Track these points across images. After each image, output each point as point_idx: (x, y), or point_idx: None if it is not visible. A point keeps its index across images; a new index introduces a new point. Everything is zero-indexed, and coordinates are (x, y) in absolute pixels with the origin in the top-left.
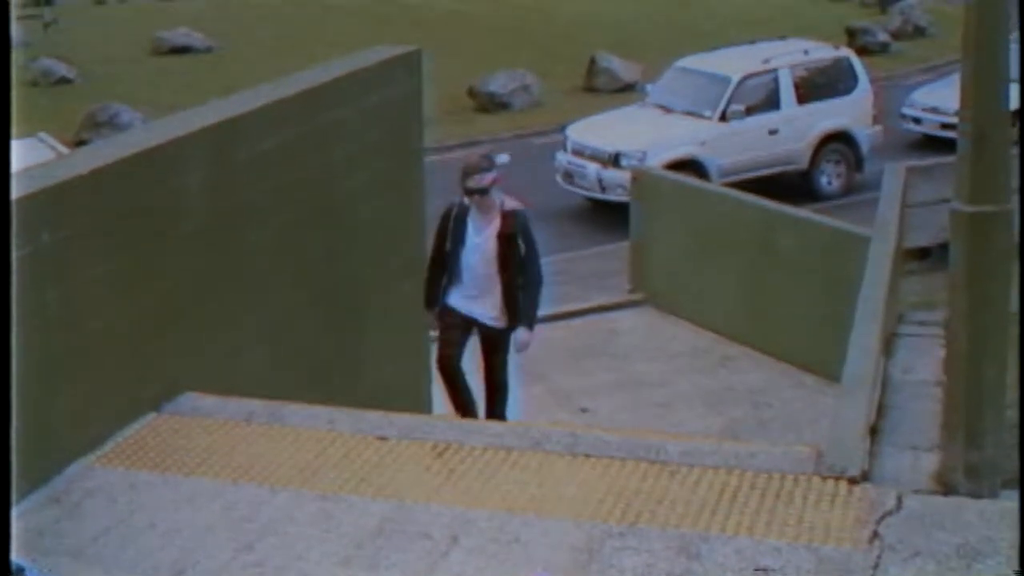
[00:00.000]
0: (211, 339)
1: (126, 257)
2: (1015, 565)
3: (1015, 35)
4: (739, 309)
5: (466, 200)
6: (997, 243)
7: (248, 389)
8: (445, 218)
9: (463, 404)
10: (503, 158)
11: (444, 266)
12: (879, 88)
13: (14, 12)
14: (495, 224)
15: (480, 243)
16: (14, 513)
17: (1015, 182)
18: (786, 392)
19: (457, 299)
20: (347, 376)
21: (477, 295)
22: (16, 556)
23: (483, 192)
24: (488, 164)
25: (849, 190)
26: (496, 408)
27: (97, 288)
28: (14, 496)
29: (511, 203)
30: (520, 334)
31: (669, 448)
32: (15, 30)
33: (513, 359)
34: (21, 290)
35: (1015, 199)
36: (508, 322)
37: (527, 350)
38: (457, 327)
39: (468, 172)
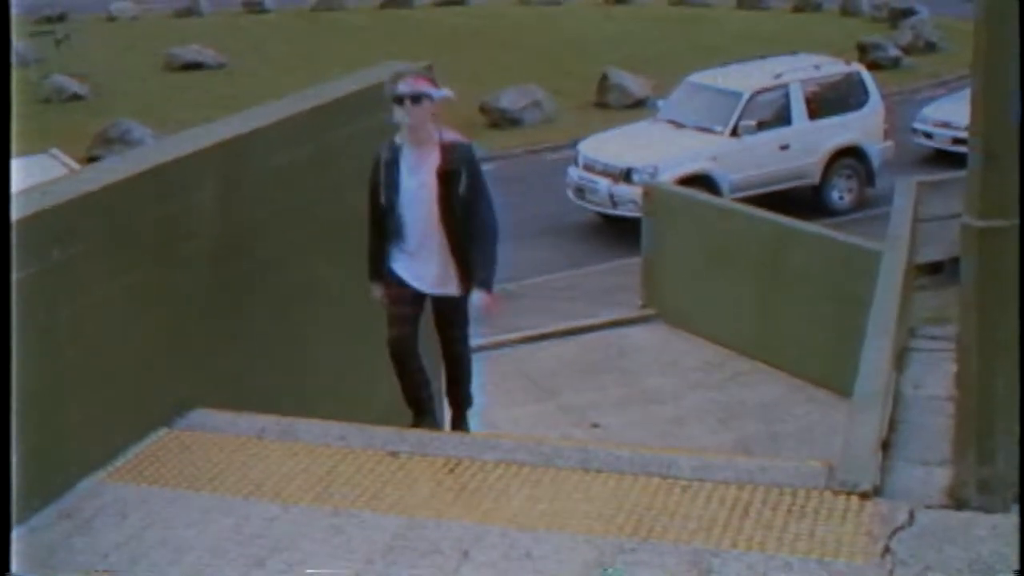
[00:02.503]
0: (222, 355)
1: (137, 273)
2: None
3: None
4: (750, 324)
5: (396, 139)
6: (1008, 257)
7: (259, 405)
8: (375, 169)
9: (415, 395)
10: (446, 92)
11: (383, 227)
12: (890, 103)
13: (26, 29)
14: (433, 160)
15: (416, 187)
16: (24, 529)
17: None
18: (798, 407)
19: (402, 265)
20: (360, 391)
21: (422, 256)
22: (26, 572)
23: (417, 99)
24: (429, 75)
25: (860, 205)
26: (460, 390)
27: (108, 304)
28: (25, 512)
29: (451, 135)
30: (476, 298)
31: (681, 463)
32: (27, 47)
33: (474, 329)
34: (32, 307)
35: None
36: (462, 286)
37: (490, 316)
38: (406, 301)
39: (399, 76)
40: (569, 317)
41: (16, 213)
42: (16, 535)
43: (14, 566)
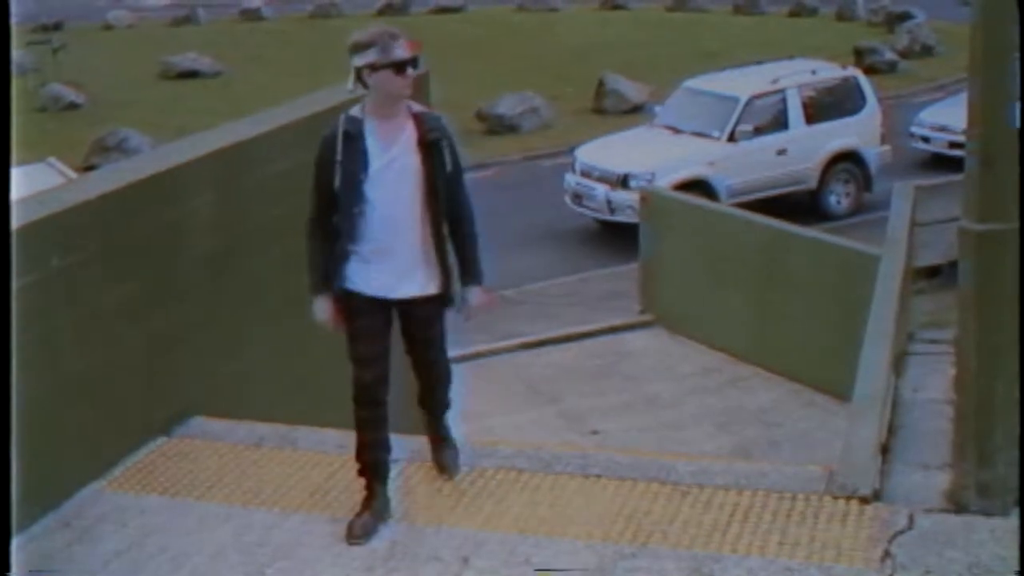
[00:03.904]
0: (221, 363)
1: (135, 281)
2: None
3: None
4: (749, 329)
5: (355, 112)
6: (1006, 261)
7: (258, 413)
8: (327, 147)
9: (378, 457)
10: None
11: (331, 222)
12: (887, 107)
13: (23, 38)
14: (408, 132)
15: (390, 165)
16: (23, 538)
17: None
18: (796, 412)
19: (363, 271)
20: None
21: (396, 251)
22: None
23: (416, 64)
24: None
25: (858, 209)
26: (439, 396)
27: (106, 313)
28: (24, 520)
29: (416, 104)
30: (473, 295)
31: (680, 468)
32: (24, 56)
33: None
34: (31, 315)
35: None
36: (443, 284)
37: (486, 314)
38: (374, 327)
39: (395, 36)
40: (568, 323)
41: (15, 222)
42: (16, 544)
43: (14, 574)
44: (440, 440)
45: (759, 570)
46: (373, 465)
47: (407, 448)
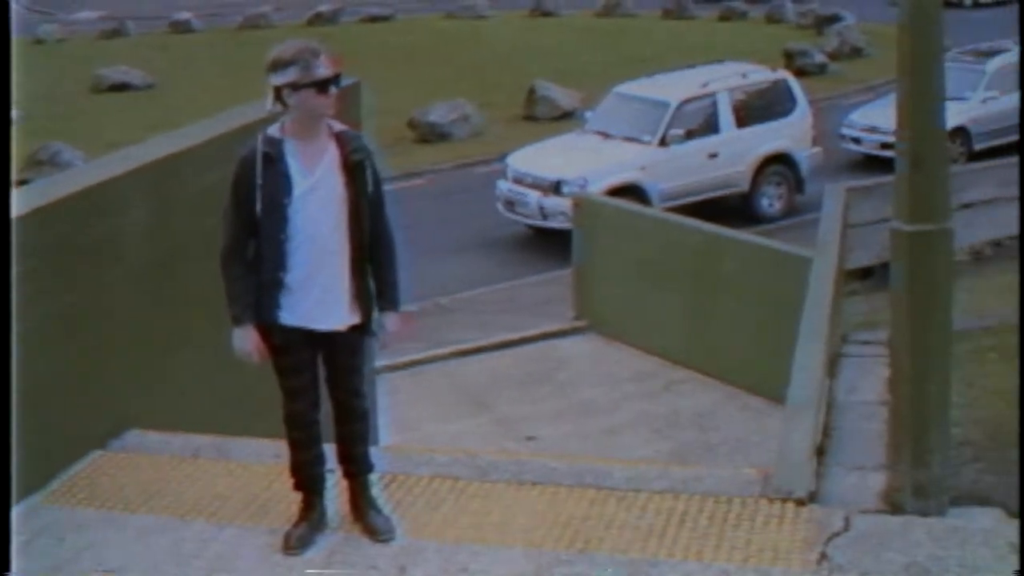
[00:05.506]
0: (156, 375)
1: (70, 295)
2: None
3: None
4: (683, 333)
5: (273, 132)
6: (937, 261)
7: (195, 425)
8: (247, 170)
9: (313, 472)
10: None
11: (250, 249)
12: (818, 109)
13: None
14: (331, 154)
15: (314, 189)
16: None
17: (953, 201)
18: (732, 415)
19: (292, 300)
20: None
21: (320, 280)
22: None
23: (338, 83)
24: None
25: (790, 212)
26: (362, 450)
27: (41, 327)
28: None
29: (338, 124)
30: (390, 321)
31: (616, 474)
32: None
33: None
34: None
35: (954, 218)
36: (366, 311)
37: (401, 341)
38: (301, 352)
39: (317, 52)
40: (502, 330)
41: None
42: None
43: None
44: (366, 507)
45: (696, 574)
46: (309, 480)
47: None
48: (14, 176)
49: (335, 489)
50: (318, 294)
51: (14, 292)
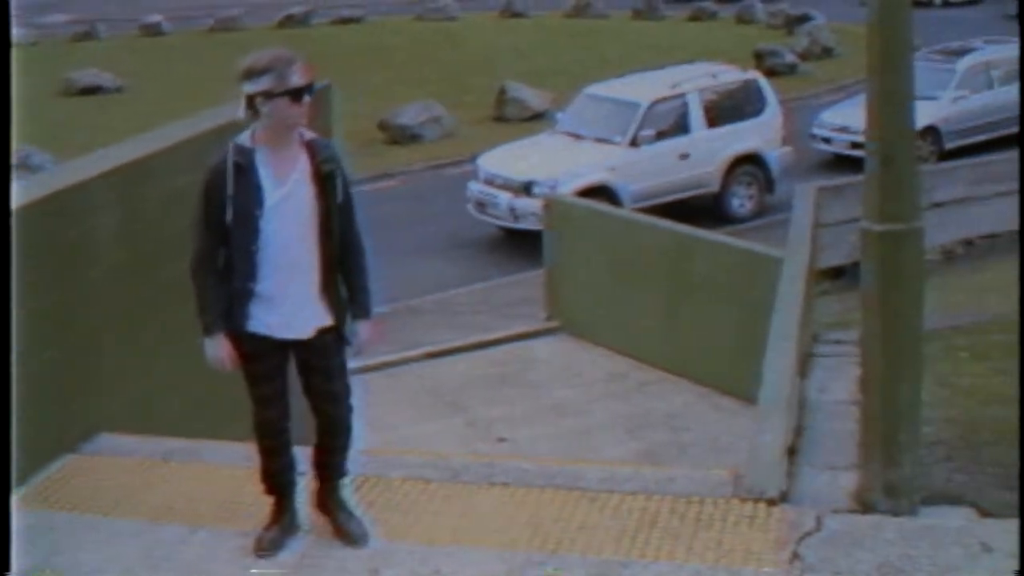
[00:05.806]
0: (127, 379)
1: (41, 299)
2: None
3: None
4: (655, 334)
5: (243, 140)
6: (907, 261)
7: (167, 428)
8: (217, 179)
9: (285, 478)
10: None
11: (221, 259)
12: (788, 109)
13: None
14: (302, 163)
15: (286, 199)
16: None
17: (924, 200)
18: (704, 415)
19: (263, 310)
20: None
21: (292, 289)
22: None
23: (312, 92)
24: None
25: (761, 212)
26: (339, 459)
27: (13, 330)
28: None
29: (308, 132)
30: (362, 328)
31: (588, 475)
32: None
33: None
34: None
35: (924, 217)
36: (338, 316)
37: (373, 347)
38: (271, 360)
39: (291, 61)
40: (474, 331)
41: None
42: None
43: None
44: (337, 509)
45: (668, 575)
46: (280, 486)
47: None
48: None
49: (305, 492)
50: (289, 303)
51: None
